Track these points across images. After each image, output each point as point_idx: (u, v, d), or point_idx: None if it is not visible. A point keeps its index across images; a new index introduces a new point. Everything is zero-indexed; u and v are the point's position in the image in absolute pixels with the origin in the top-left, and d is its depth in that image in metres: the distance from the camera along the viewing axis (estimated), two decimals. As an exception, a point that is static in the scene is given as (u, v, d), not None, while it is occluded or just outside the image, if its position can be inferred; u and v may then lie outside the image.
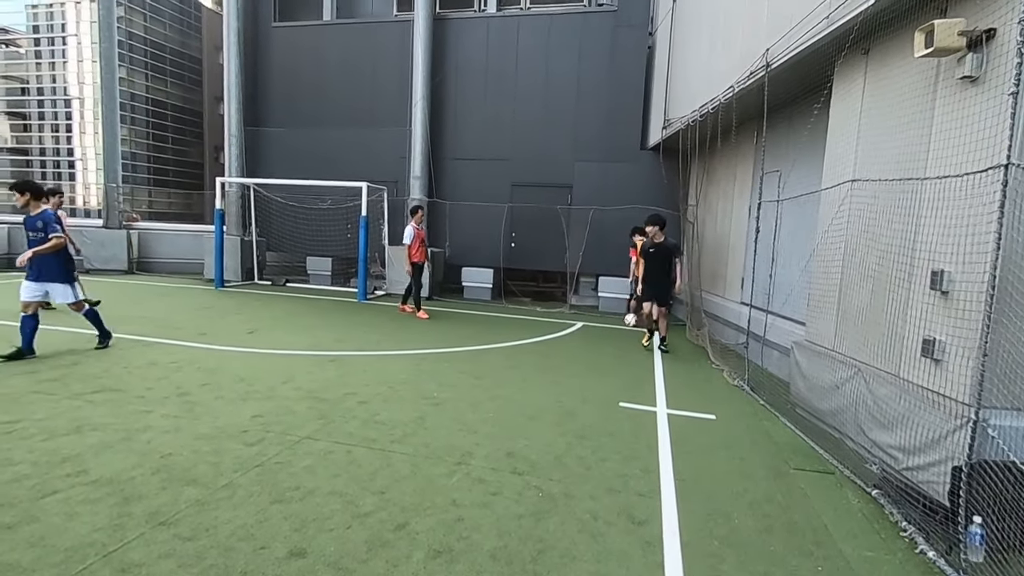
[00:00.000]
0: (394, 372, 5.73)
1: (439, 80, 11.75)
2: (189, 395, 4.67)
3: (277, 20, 12.97)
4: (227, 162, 12.70)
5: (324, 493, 3.13)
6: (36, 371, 5.13)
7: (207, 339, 6.76)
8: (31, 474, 3.17)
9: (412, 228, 8.82)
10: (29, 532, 2.61)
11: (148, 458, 3.45)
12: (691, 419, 4.75)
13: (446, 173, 12.00)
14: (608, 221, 10.73)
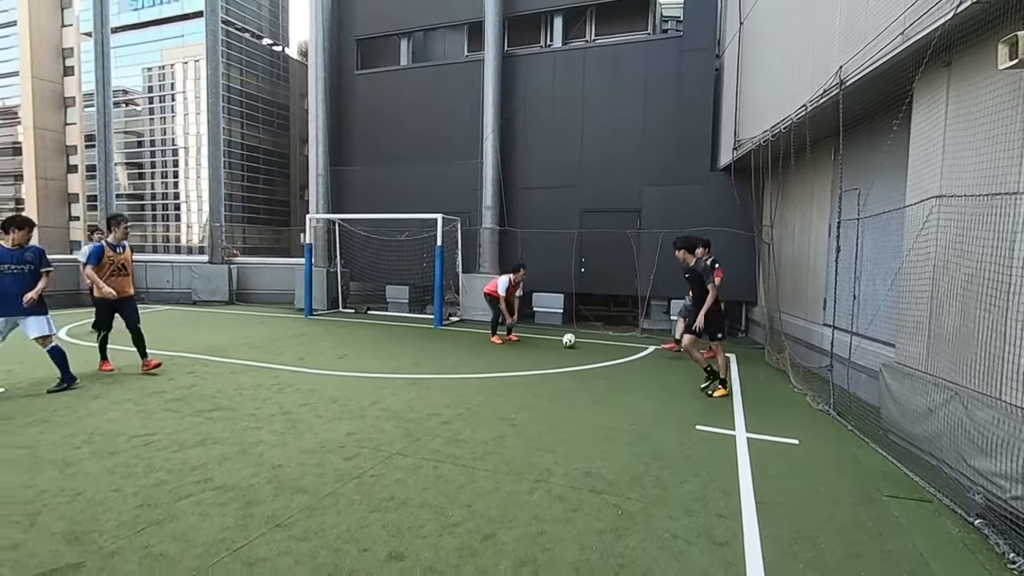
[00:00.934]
0: (471, 394, 5.99)
1: (508, 114, 12.25)
2: (291, 414, 5.14)
3: (359, 69, 14.06)
4: (314, 200, 13.76)
5: (416, 504, 3.38)
6: (163, 392, 5.81)
7: (304, 363, 7.34)
8: (168, 480, 3.64)
9: (508, 280, 9.17)
10: (172, 528, 3.02)
11: (262, 468, 3.85)
12: (772, 443, 4.66)
13: (517, 202, 12.40)
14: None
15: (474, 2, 12.57)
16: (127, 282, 6.64)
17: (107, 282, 6.37)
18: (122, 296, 6.51)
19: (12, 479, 3.59)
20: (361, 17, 14.02)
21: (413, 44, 13.97)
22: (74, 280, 14.32)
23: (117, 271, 6.49)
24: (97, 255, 6.40)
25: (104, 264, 6.40)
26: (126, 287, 6.61)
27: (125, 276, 6.60)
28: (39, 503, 3.27)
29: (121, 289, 6.50)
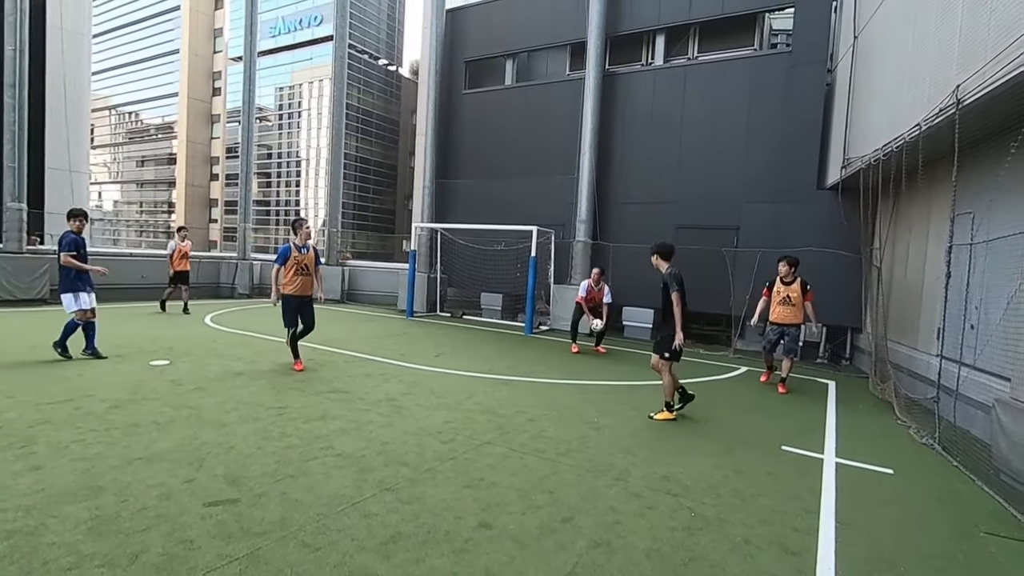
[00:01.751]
0: (558, 398, 6.31)
1: (606, 131, 12.51)
2: (396, 401, 5.75)
3: (466, 88, 14.98)
4: (420, 209, 14.79)
5: (504, 486, 3.76)
6: (290, 374, 6.69)
7: (405, 359, 8.05)
8: (298, 445, 4.30)
9: (586, 285, 9.49)
10: (303, 482, 3.62)
11: (372, 443, 4.42)
12: (864, 471, 4.55)
13: (611, 217, 12.59)
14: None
15: (577, 24, 13.01)
16: (310, 282, 6.92)
17: (291, 280, 6.74)
18: (304, 295, 6.87)
19: (184, 432, 4.42)
20: (471, 41, 14.95)
21: (518, 64, 14.66)
22: (214, 273, 16.39)
23: (301, 271, 6.79)
24: (284, 255, 6.76)
25: (289, 264, 6.75)
26: (308, 287, 6.91)
27: (308, 276, 6.87)
28: (204, 452, 4.03)
29: (304, 289, 6.85)
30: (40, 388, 5.44)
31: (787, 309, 7.24)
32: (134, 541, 2.79)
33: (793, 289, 7.19)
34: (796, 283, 7.21)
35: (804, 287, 7.17)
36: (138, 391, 5.53)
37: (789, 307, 7.22)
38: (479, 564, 2.78)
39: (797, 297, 7.16)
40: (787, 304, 7.22)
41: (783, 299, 7.23)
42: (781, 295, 7.25)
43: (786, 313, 7.25)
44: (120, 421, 4.58)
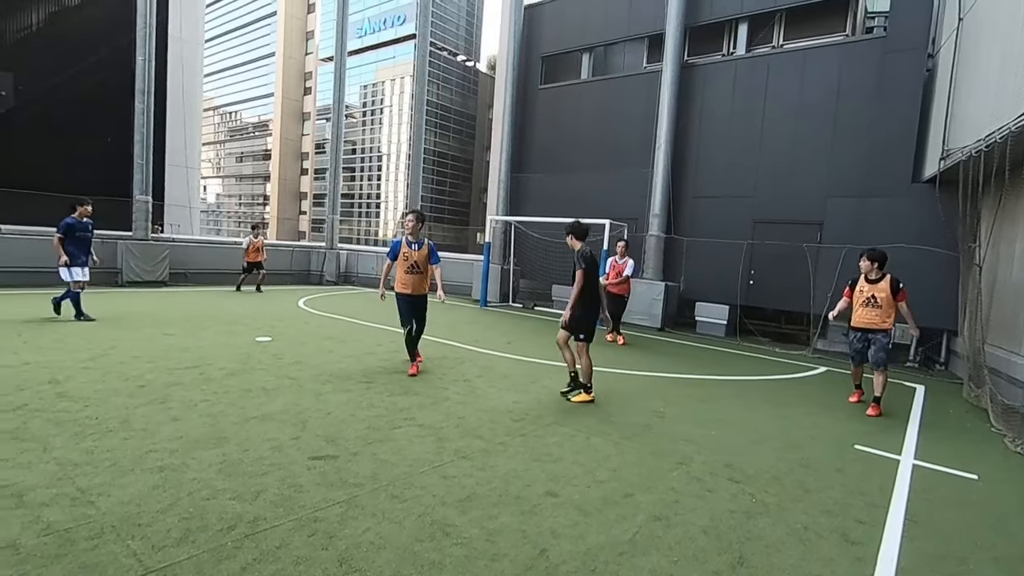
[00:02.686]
0: (624, 386, 6.48)
1: (683, 123, 12.34)
2: (470, 382, 6.15)
3: (542, 83, 15.21)
4: (495, 203, 15.23)
5: (569, 462, 4.02)
6: (375, 353, 7.28)
7: (478, 345, 8.47)
8: (385, 415, 4.77)
9: (612, 260, 9.64)
10: (390, 446, 4.06)
11: (450, 417, 4.82)
12: (944, 474, 4.41)
13: (685, 211, 12.44)
14: (866, 261, 9.84)
15: (656, 15, 12.88)
16: (421, 281, 6.40)
17: (401, 277, 6.30)
18: (414, 293, 6.35)
19: (288, 398, 5.02)
20: (548, 36, 15.15)
21: (594, 58, 14.70)
22: (305, 261, 17.68)
23: (412, 268, 6.28)
24: (394, 250, 6.29)
25: (399, 260, 6.27)
26: (420, 286, 6.39)
27: (419, 274, 6.34)
28: (306, 416, 4.58)
29: (414, 287, 6.32)
30: (170, 356, 6.29)
31: (872, 312, 6.13)
32: (255, 482, 3.31)
33: (880, 288, 6.10)
34: (884, 281, 6.09)
35: (895, 286, 6.02)
36: (247, 362, 6.27)
37: (874, 309, 6.11)
38: (545, 525, 3.07)
39: (885, 298, 6.04)
40: (871, 306, 6.12)
41: (867, 300, 6.13)
42: (865, 295, 6.15)
43: (871, 316, 6.13)
44: (235, 386, 5.26)
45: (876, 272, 6.20)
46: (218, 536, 2.71)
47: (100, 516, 2.81)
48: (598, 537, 2.98)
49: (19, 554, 2.45)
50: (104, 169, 15.12)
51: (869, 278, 6.21)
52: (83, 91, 15.04)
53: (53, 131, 14.37)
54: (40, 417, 4.12)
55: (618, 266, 9.61)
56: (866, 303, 6.16)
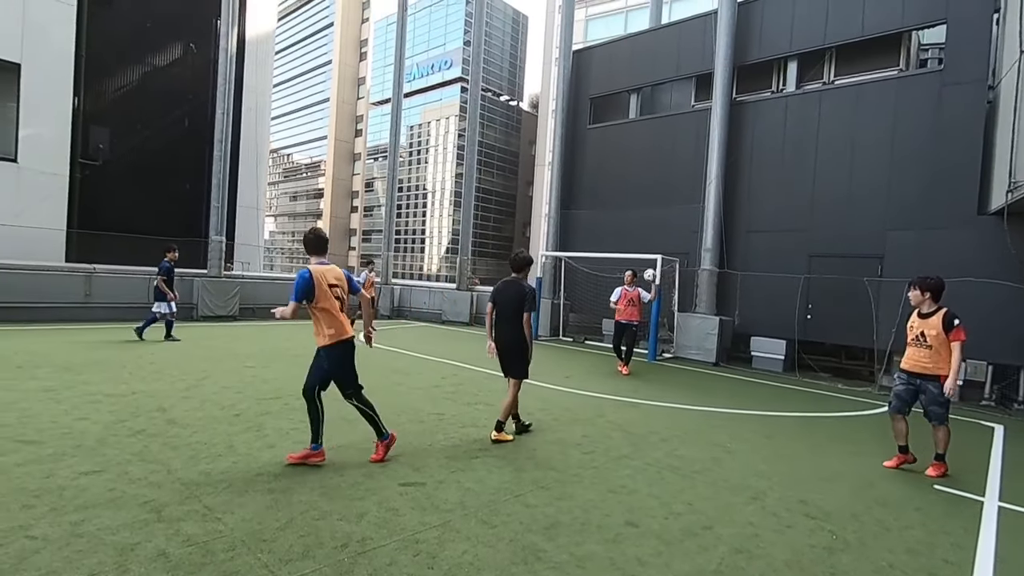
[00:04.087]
0: (686, 422, 6.53)
1: (733, 159, 12.47)
2: (533, 415, 6.34)
3: (591, 123, 15.68)
4: (545, 238, 15.60)
5: (644, 494, 4.14)
6: (440, 386, 7.57)
7: (536, 378, 8.64)
8: (460, 444, 5.01)
9: (621, 290, 9.82)
10: (472, 475, 4.27)
11: (521, 449, 5.02)
12: (1032, 517, 4.29)
13: (738, 245, 12.44)
14: (931, 295, 9.58)
15: (704, 56, 13.20)
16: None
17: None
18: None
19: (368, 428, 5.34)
20: (596, 78, 15.68)
21: (642, 98, 15.10)
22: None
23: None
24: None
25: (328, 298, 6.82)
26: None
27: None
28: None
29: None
30: (255, 387, 6.76)
31: (920, 353, 5.01)
32: (356, 505, 3.59)
33: (931, 324, 4.97)
34: (936, 316, 4.98)
35: (948, 322, 4.88)
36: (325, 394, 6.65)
37: (923, 349, 4.99)
38: (630, 553, 3.21)
39: (936, 336, 4.92)
40: (920, 345, 5.01)
41: (916, 338, 5.07)
42: (914, 332, 5.10)
43: (919, 358, 5.02)
44: (319, 416, 5.62)
45: (929, 304, 5.09)
46: (334, 553, 2.98)
47: (229, 531, 3.13)
48: (683, 566, 3.10)
49: (170, 562, 2.78)
50: (182, 212, 16.37)
51: (921, 312, 5.15)
52: (168, 141, 16.47)
53: (142, 178, 15.74)
54: (157, 441, 4.56)
55: (629, 294, 9.73)
56: (915, 341, 5.08)
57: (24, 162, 13.91)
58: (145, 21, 16.00)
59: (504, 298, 5.28)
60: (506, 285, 5.34)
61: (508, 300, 5.25)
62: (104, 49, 15.19)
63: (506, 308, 5.26)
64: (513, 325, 5.21)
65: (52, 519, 3.12)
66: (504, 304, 5.28)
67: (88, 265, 12.54)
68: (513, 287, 5.28)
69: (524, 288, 5.24)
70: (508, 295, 5.27)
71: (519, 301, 5.18)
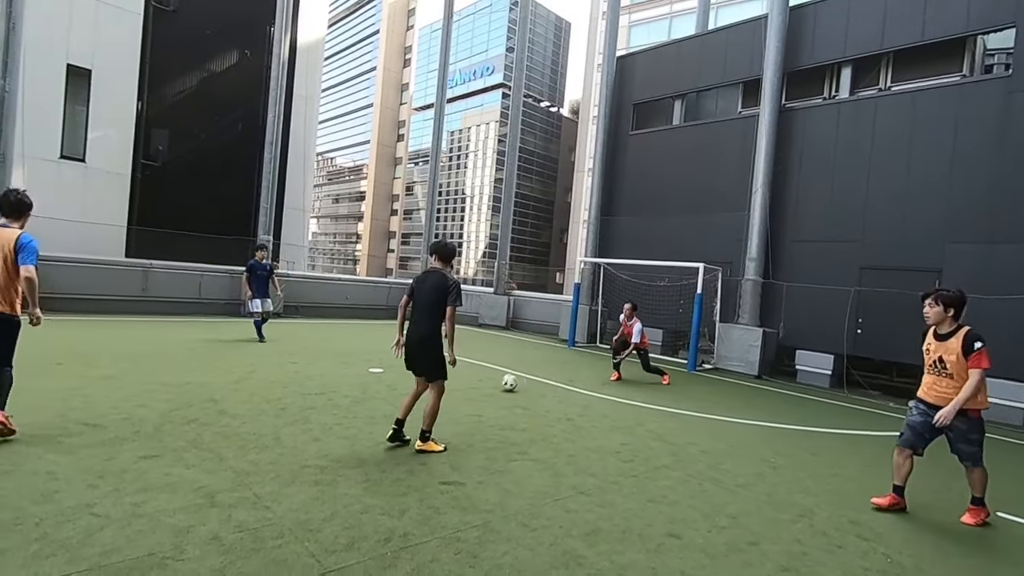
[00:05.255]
0: (728, 435, 6.36)
1: (781, 167, 12.15)
2: (573, 420, 6.30)
3: (633, 129, 15.55)
4: (583, 244, 15.51)
5: (685, 506, 4.06)
6: (478, 388, 7.61)
7: (573, 384, 8.62)
8: (499, 447, 5.02)
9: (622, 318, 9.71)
10: (510, 477, 4.28)
11: (560, 454, 5.00)
12: (1107, 551, 4.00)
13: (784, 255, 12.09)
14: (996, 312, 9.09)
15: (752, 61, 12.94)
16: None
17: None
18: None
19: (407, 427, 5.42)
20: (639, 84, 15.55)
21: (686, 104, 14.89)
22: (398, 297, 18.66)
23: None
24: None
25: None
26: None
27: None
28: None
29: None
30: (299, 383, 6.95)
31: (943, 383, 4.17)
32: (398, 501, 3.64)
33: (950, 348, 4.13)
34: (956, 339, 4.12)
35: (968, 345, 4.05)
36: (366, 391, 6.79)
37: (943, 379, 4.17)
38: (673, 565, 3.15)
39: (957, 362, 4.08)
40: (940, 373, 4.19)
41: (934, 364, 4.25)
42: (931, 356, 4.29)
43: (942, 389, 4.16)
44: (361, 413, 5.75)
45: (949, 324, 4.21)
46: (377, 547, 3.03)
47: (278, 519, 3.23)
48: (728, 581, 3.02)
49: (223, 545, 2.89)
50: (233, 212, 17.00)
51: (939, 332, 4.25)
52: (221, 144, 17.16)
53: (196, 179, 16.45)
54: (209, 430, 4.74)
55: (627, 327, 9.42)
56: (934, 368, 4.26)
57: (91, 162, 14.73)
58: (204, 29, 16.74)
59: (424, 288, 4.68)
60: (427, 275, 4.76)
61: (428, 291, 4.66)
62: (166, 56, 15.96)
63: (426, 300, 4.66)
64: (431, 319, 4.64)
65: (115, 499, 3.28)
66: (423, 295, 4.68)
67: (145, 261, 13.16)
68: (434, 277, 4.70)
69: (448, 280, 4.67)
70: (428, 286, 4.67)
71: (442, 293, 4.61)
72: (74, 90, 14.59)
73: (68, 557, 2.64)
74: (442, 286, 4.64)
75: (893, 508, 4.34)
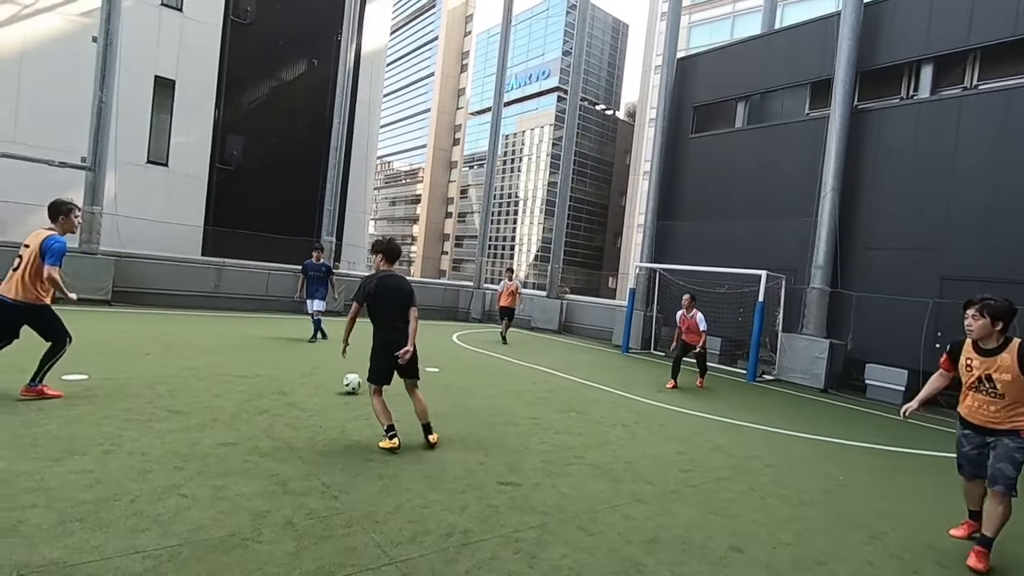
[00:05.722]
0: (792, 449, 6.13)
1: (852, 171, 11.59)
2: (629, 427, 6.24)
3: (693, 132, 15.22)
4: (638, 249, 15.29)
5: (748, 520, 3.95)
6: (531, 391, 7.66)
7: (627, 391, 8.52)
8: (555, 450, 5.04)
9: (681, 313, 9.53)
10: (568, 481, 4.30)
11: (617, 460, 4.96)
12: None
13: (854, 263, 11.51)
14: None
15: (822, 61, 12.41)
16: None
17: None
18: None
19: (465, 426, 5.52)
20: (700, 86, 15.22)
21: (750, 106, 14.44)
22: (454, 299, 18.98)
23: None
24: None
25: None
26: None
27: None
28: (485, 443, 5.01)
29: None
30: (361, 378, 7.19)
31: (989, 405, 3.66)
32: (458, 498, 3.73)
33: (1001, 365, 3.60)
34: (1008, 354, 3.59)
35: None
36: (424, 389, 6.94)
37: (993, 400, 3.63)
38: (736, 579, 3.08)
39: (1013, 382, 3.55)
40: (984, 391, 3.68)
41: (976, 382, 3.73)
42: (974, 373, 3.75)
43: (992, 413, 3.65)
44: (420, 411, 5.89)
45: (996, 338, 3.67)
46: (440, 541, 3.12)
47: (346, 509, 3.37)
48: (795, 600, 2.93)
49: (296, 531, 3.05)
50: (298, 213, 17.83)
51: (983, 347, 3.72)
52: (289, 148, 18.05)
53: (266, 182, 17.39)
54: (280, 421, 5.00)
55: (687, 321, 9.31)
56: (975, 385, 3.73)
57: (173, 166, 15.81)
58: (277, 40, 17.66)
59: (390, 294, 4.64)
60: (383, 278, 4.66)
61: (395, 295, 4.66)
62: (241, 66, 16.94)
63: (395, 304, 4.66)
64: (403, 322, 4.67)
65: (199, 482, 3.53)
66: (391, 300, 4.65)
67: (219, 259, 13.98)
68: (396, 280, 4.75)
69: (407, 281, 4.86)
70: (394, 289, 4.66)
71: (408, 296, 4.70)
72: (160, 99, 15.71)
73: (161, 532, 2.87)
74: (406, 288, 4.75)
75: (973, 536, 3.99)
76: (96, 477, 3.42)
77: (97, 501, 3.11)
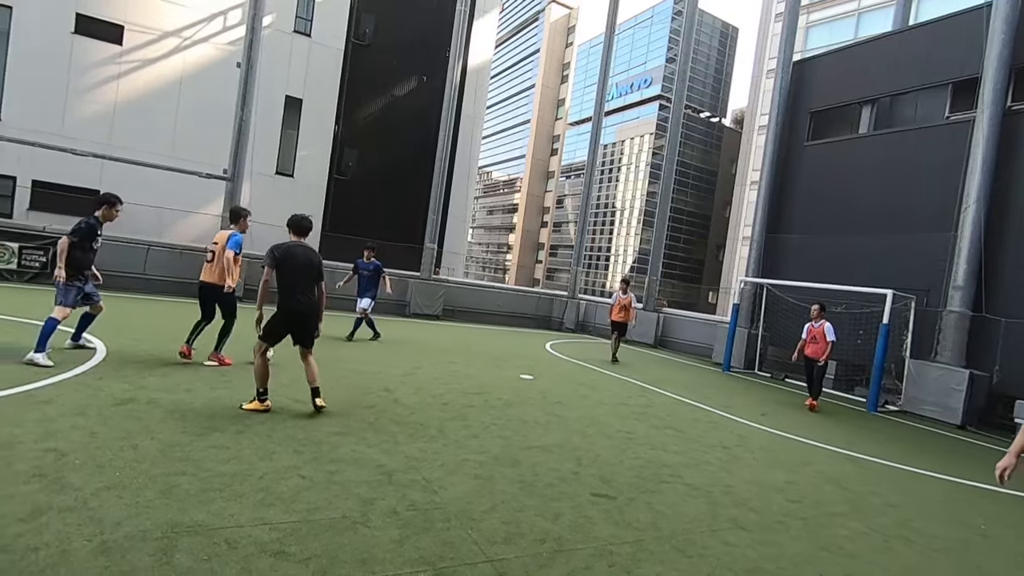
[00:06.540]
0: (921, 489, 5.51)
1: (1002, 181, 10.24)
2: (729, 449, 5.93)
3: (809, 140, 14.22)
4: (744, 263, 14.50)
5: (867, 561, 3.61)
6: (627, 404, 7.51)
7: (729, 411, 8.09)
8: (649, 466, 4.91)
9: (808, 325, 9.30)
10: (663, 499, 4.17)
11: (716, 483, 4.73)
12: None
13: (1001, 284, 10.14)
14: None
15: (964, 59, 11.12)
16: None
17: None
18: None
19: (559, 434, 5.53)
20: (819, 90, 14.19)
21: (877, 110, 13.25)
22: (548, 308, 19.07)
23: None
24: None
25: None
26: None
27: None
28: (578, 453, 4.99)
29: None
30: (459, 381, 7.46)
31: None
32: (551, 505, 3.75)
33: None
34: None
35: None
36: (519, 395, 7.07)
37: None
38: (851, 623, 2.83)
39: None
40: None
41: None
42: None
43: None
44: (515, 416, 6.00)
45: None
46: (534, 545, 3.16)
47: (445, 504, 3.52)
48: (923, 656, 2.64)
49: (400, 520, 3.23)
50: (405, 220, 18.84)
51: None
52: (398, 160, 19.16)
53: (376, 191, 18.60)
54: (385, 416, 5.31)
55: (814, 330, 9.17)
56: None
57: (298, 177, 17.36)
58: (391, 59, 18.86)
59: (301, 262, 4.98)
60: (293, 248, 5.00)
61: (305, 265, 5.00)
62: (359, 84, 18.27)
63: (305, 273, 5.00)
64: (313, 291, 5.07)
65: (315, 466, 3.84)
66: (302, 269, 4.98)
67: (334, 263, 15.09)
68: (306, 251, 5.07)
69: (317, 255, 5.20)
70: (304, 259, 5.00)
71: (318, 267, 5.10)
72: (289, 116, 17.33)
73: (284, 508, 3.16)
74: (316, 261, 5.11)
75: None
76: (232, 453, 3.84)
77: (232, 475, 3.49)
